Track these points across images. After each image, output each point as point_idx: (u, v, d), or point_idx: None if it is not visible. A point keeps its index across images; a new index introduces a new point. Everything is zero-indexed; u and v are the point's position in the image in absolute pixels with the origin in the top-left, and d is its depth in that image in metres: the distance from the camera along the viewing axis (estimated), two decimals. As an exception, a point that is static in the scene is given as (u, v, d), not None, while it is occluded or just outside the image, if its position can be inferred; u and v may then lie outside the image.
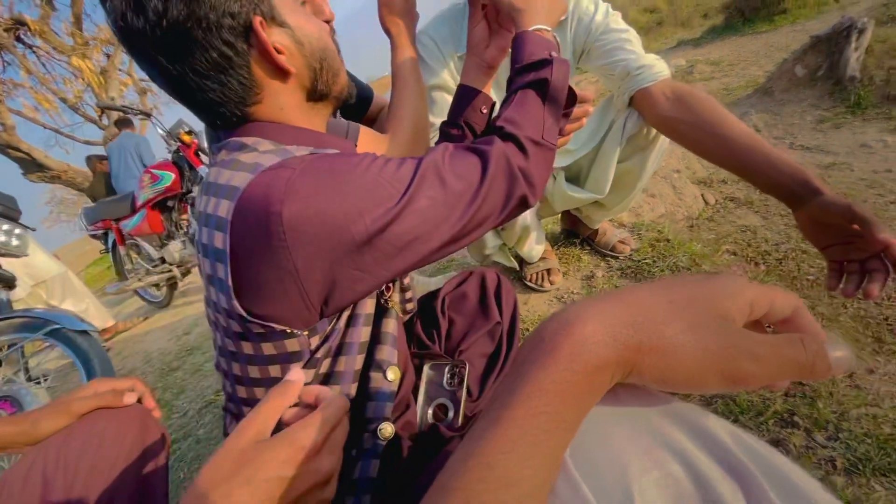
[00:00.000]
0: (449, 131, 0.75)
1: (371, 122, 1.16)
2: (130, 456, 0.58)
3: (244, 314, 0.51)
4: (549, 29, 0.64)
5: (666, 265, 1.33)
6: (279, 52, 0.55)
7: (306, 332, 0.54)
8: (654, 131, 1.07)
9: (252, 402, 0.58)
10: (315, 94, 0.60)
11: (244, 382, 0.58)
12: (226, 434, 0.64)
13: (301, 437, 0.37)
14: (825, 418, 0.76)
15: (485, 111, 0.75)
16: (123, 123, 4.87)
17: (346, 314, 0.58)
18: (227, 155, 0.54)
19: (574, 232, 1.59)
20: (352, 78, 0.69)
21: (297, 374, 0.43)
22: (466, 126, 0.74)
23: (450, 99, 1.15)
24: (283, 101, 0.57)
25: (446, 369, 0.78)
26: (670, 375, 0.25)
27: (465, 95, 0.74)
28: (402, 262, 0.52)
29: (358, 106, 1.14)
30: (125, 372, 2.57)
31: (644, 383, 0.27)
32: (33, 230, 2.61)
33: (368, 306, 0.61)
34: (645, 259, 1.39)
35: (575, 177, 1.28)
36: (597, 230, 1.51)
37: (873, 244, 0.60)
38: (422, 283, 1.65)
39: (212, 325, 0.59)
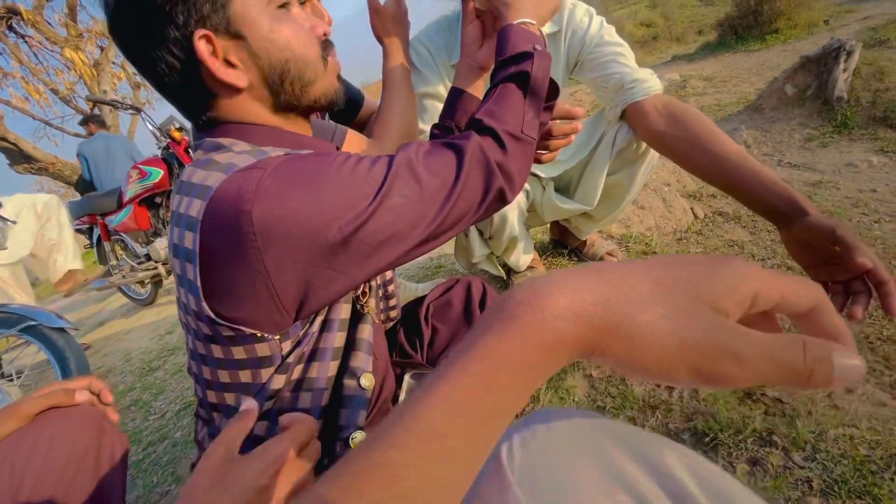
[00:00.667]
0: (436, 133, 0.74)
1: (360, 127, 1.15)
2: (84, 460, 0.56)
3: (213, 316, 0.49)
4: (535, 23, 0.63)
5: (652, 278, 1.33)
6: (232, 64, 0.53)
7: (278, 337, 0.53)
8: (643, 145, 1.08)
9: (222, 408, 0.57)
10: (281, 105, 0.58)
11: (214, 387, 0.56)
12: (197, 440, 0.63)
13: (272, 450, 0.37)
14: (804, 438, 0.76)
15: None
16: (96, 122, 4.30)
17: (319, 319, 0.57)
18: (202, 155, 0.53)
19: (562, 242, 1.60)
20: (340, 82, 0.67)
21: (251, 403, 0.43)
22: (456, 129, 0.73)
23: (440, 107, 1.15)
24: (245, 108, 0.56)
25: (427, 379, 0.77)
26: (636, 363, 0.23)
27: (456, 98, 0.74)
28: (377, 262, 0.51)
29: (347, 110, 1.13)
30: (104, 370, 2.52)
31: (606, 365, 0.25)
32: (14, 223, 2.57)
33: (343, 311, 0.60)
34: (632, 271, 1.39)
35: (564, 187, 1.29)
36: (585, 241, 1.51)
37: (854, 267, 0.60)
38: (409, 289, 1.63)
39: (184, 328, 0.58)
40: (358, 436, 0.59)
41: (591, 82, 1.05)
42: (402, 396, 0.75)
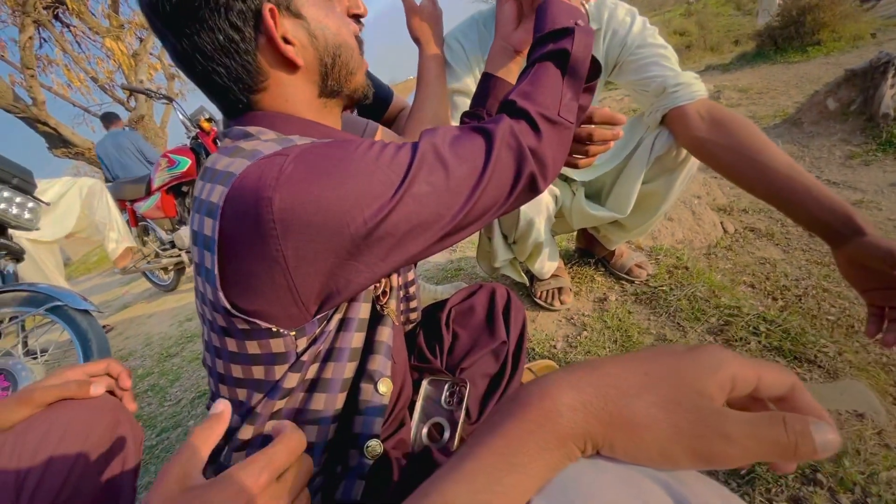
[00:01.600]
0: (466, 122, 0.71)
1: (389, 123, 1.14)
2: (96, 452, 0.54)
3: (229, 307, 0.47)
4: None
5: (683, 294, 1.28)
6: (289, 42, 0.53)
7: (293, 333, 0.50)
8: (683, 153, 1.02)
9: (234, 403, 0.55)
10: (325, 90, 0.58)
11: (227, 381, 0.54)
12: None
13: (240, 478, 0.33)
14: (852, 479, 0.70)
15: None
16: (108, 119, 4.42)
17: (337, 317, 0.55)
18: (230, 143, 0.52)
19: (589, 252, 1.54)
20: (371, 78, 0.66)
21: (223, 405, 0.40)
22: (487, 116, 0.69)
23: None
24: (289, 92, 0.55)
25: (446, 387, 0.74)
26: (640, 452, 0.25)
27: (487, 83, 0.70)
28: (401, 253, 0.48)
29: (376, 106, 1.12)
30: (125, 353, 2.56)
31: (618, 457, 0.26)
32: (47, 204, 2.64)
33: (363, 311, 0.57)
34: (661, 286, 1.34)
35: (596, 194, 1.24)
36: (613, 252, 1.46)
37: None
38: (429, 290, 1.61)
39: (200, 318, 0.56)
40: (373, 444, 0.56)
41: (631, 85, 1.01)
42: (418, 403, 0.72)
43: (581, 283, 1.45)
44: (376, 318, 0.61)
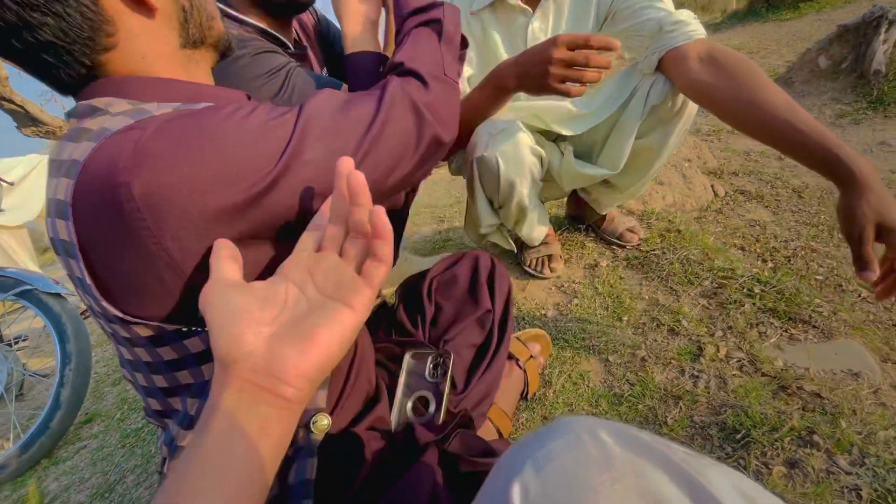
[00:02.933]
0: None
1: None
2: None
3: (122, 316, 0.40)
4: None
5: (676, 258, 1.24)
6: None
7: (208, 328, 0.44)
8: (679, 103, 0.96)
9: (170, 413, 0.48)
10: (188, 39, 0.49)
11: (154, 394, 0.48)
12: (160, 444, 0.55)
13: None
14: (849, 439, 0.68)
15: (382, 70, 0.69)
16: None
17: None
18: (75, 124, 0.42)
19: (579, 218, 1.50)
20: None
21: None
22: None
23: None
24: (145, 46, 0.44)
25: (429, 359, 0.70)
26: None
27: (357, 63, 0.69)
28: (299, 221, 0.43)
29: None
30: (104, 338, 2.50)
31: None
32: (10, 184, 2.51)
33: None
34: (653, 250, 1.30)
35: (587, 153, 1.18)
36: (604, 216, 1.41)
37: None
38: (414, 263, 1.56)
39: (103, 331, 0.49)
40: (318, 418, 0.51)
41: (625, 32, 0.94)
42: (401, 378, 0.68)
43: (571, 249, 1.41)
44: None
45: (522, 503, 0.24)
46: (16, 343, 1.83)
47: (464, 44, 0.62)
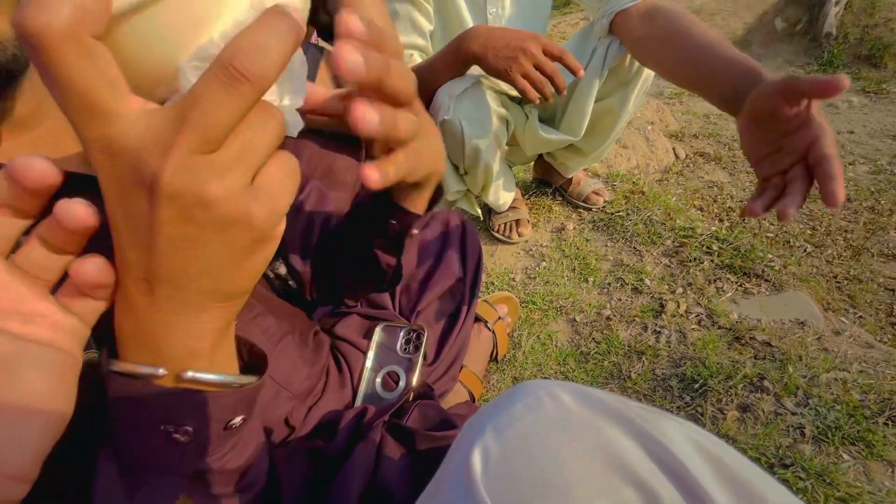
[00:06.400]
0: None
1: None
2: None
3: None
4: None
5: (640, 218, 1.27)
6: None
7: None
8: (637, 63, 0.96)
9: None
10: None
11: None
12: None
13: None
14: (795, 383, 0.73)
15: None
16: None
17: None
18: None
19: (546, 181, 1.49)
20: None
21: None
22: None
23: (416, 14, 0.98)
24: None
25: (401, 333, 0.69)
26: None
27: None
28: None
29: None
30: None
31: None
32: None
33: None
34: (618, 212, 1.32)
35: (550, 118, 1.16)
36: (570, 179, 1.41)
37: (806, 132, 0.53)
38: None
39: None
40: None
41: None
42: (371, 352, 0.67)
43: (539, 213, 1.41)
44: None
45: (483, 468, 0.24)
46: None
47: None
